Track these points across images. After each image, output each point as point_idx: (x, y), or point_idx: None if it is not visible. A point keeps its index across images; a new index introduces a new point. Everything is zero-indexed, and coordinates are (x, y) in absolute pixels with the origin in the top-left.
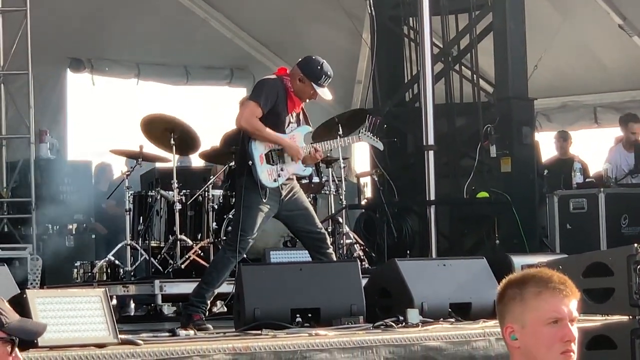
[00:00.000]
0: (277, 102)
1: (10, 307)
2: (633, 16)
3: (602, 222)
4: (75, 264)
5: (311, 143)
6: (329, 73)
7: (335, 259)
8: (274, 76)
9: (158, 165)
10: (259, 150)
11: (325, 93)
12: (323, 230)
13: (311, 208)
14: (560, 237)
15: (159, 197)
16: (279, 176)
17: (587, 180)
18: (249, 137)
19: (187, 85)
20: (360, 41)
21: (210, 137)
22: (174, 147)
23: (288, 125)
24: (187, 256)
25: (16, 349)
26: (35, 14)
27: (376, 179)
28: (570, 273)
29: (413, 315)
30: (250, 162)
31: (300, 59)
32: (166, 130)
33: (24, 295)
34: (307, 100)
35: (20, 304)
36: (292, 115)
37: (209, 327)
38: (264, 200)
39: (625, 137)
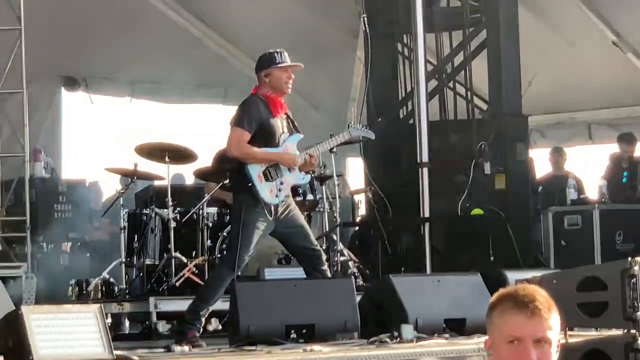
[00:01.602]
0: (262, 116)
1: None
2: (627, 33)
3: (597, 239)
4: (70, 283)
5: (304, 150)
6: (278, 50)
7: (330, 275)
8: (250, 96)
9: (152, 183)
10: (255, 169)
11: (291, 62)
12: (318, 248)
13: (307, 225)
14: (554, 253)
15: (153, 215)
16: (279, 191)
17: (581, 196)
18: None
19: (181, 104)
20: (354, 58)
21: (204, 155)
22: (168, 166)
23: (280, 136)
24: (181, 274)
25: None
26: (29, 32)
27: (370, 196)
28: (565, 287)
29: (407, 330)
30: (250, 184)
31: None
32: (161, 151)
33: (19, 312)
34: (289, 88)
35: (15, 321)
36: (281, 121)
37: (202, 344)
38: (267, 218)
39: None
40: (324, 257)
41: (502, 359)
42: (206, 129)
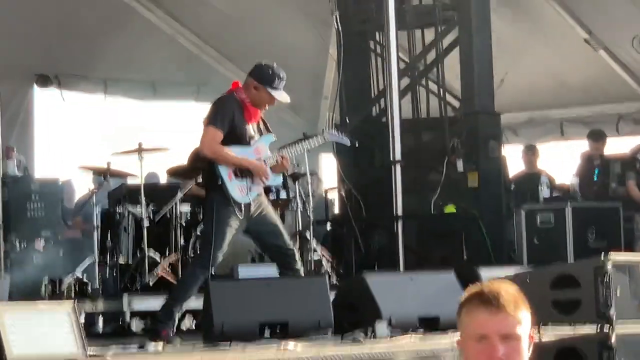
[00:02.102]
0: (235, 119)
1: None
2: (598, 30)
3: (569, 236)
4: (43, 281)
5: (277, 151)
6: (281, 75)
7: (303, 274)
8: (227, 94)
9: (125, 181)
10: (226, 168)
11: (281, 96)
12: (292, 246)
13: (280, 223)
14: (527, 251)
15: (126, 214)
16: (250, 190)
17: (553, 194)
18: None
19: (155, 101)
20: (327, 56)
21: (177, 153)
22: (141, 164)
23: (251, 138)
24: (154, 272)
25: None
26: (1, 30)
27: (343, 194)
28: (538, 285)
29: (381, 328)
30: (219, 182)
31: (251, 69)
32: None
33: None
34: (267, 108)
35: None
36: (252, 126)
37: (176, 343)
38: (240, 217)
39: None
40: (297, 255)
41: (471, 357)
42: (179, 126)
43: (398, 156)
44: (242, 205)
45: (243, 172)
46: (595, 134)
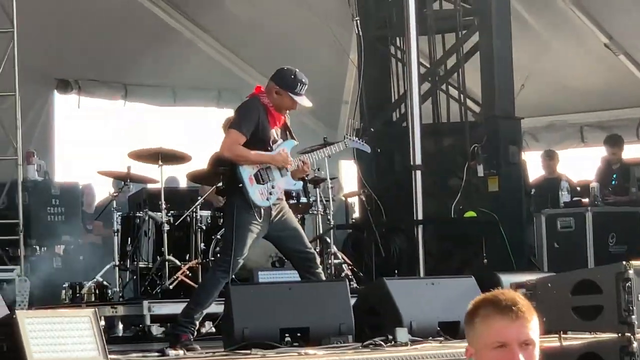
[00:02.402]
0: (259, 123)
1: None
2: (619, 35)
3: (590, 241)
4: (64, 285)
5: (298, 156)
6: (303, 80)
7: (324, 278)
8: (251, 97)
9: (145, 186)
10: (247, 171)
11: (303, 101)
12: (312, 251)
13: (300, 228)
14: (548, 255)
15: (147, 218)
16: (270, 194)
17: (574, 199)
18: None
19: (175, 107)
20: (347, 61)
21: (198, 158)
22: (161, 169)
23: (274, 142)
24: (175, 277)
25: None
26: (22, 35)
27: (364, 198)
28: (560, 291)
29: (402, 334)
30: (240, 185)
31: (273, 73)
32: (154, 155)
33: (14, 316)
34: (288, 112)
35: (9, 325)
36: (276, 131)
37: (196, 348)
38: (259, 221)
39: None
40: (318, 259)
41: None
42: (200, 132)
43: (418, 161)
44: (262, 209)
45: (264, 176)
46: (612, 138)
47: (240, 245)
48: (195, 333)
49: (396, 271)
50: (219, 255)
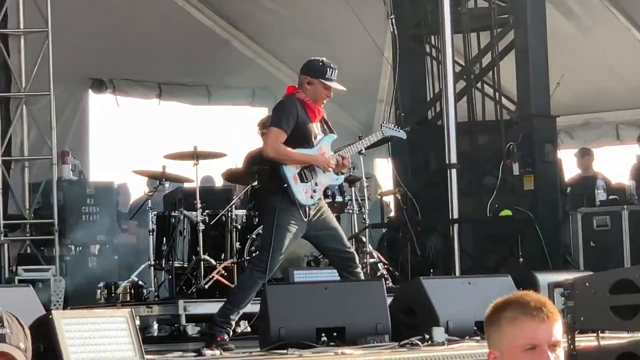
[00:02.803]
0: (299, 118)
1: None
2: None
3: (626, 239)
4: (99, 285)
5: (336, 152)
6: (332, 65)
7: (363, 278)
8: (287, 96)
9: (181, 185)
10: (291, 170)
11: (336, 85)
12: (351, 250)
13: (339, 227)
14: (583, 254)
15: (182, 218)
16: (314, 192)
17: (610, 197)
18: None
19: (209, 106)
20: (381, 60)
21: (232, 157)
22: (196, 169)
23: (314, 137)
24: (210, 276)
25: None
26: (56, 35)
27: (399, 197)
28: (597, 290)
29: (438, 333)
30: (285, 185)
31: (301, 67)
32: (190, 157)
33: (50, 317)
34: (325, 101)
35: (46, 325)
36: (316, 125)
37: (232, 347)
38: (303, 220)
39: None
40: (357, 258)
41: None
42: (234, 130)
43: (454, 159)
44: (306, 208)
45: (307, 175)
46: None
47: (279, 246)
48: (231, 333)
49: (432, 270)
50: (256, 255)
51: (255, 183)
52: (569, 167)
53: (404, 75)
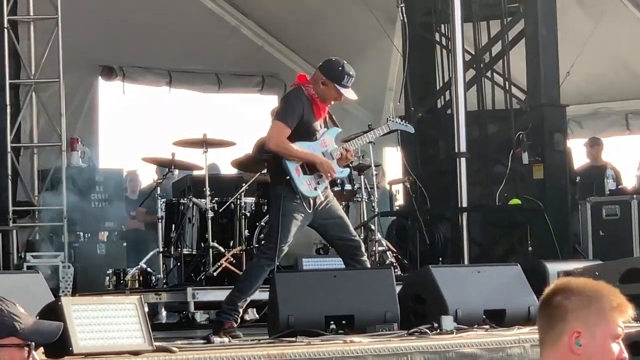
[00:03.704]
0: (304, 113)
1: (24, 311)
2: None
3: (635, 229)
4: (107, 272)
5: (341, 144)
6: (350, 73)
7: (369, 266)
8: (295, 87)
9: (190, 173)
10: (293, 163)
11: (349, 93)
12: (357, 238)
13: (345, 216)
14: (593, 243)
15: (191, 205)
16: (318, 184)
17: (619, 187)
18: None
19: (219, 93)
20: (391, 48)
21: (241, 145)
22: (205, 156)
23: (318, 131)
24: (219, 264)
25: (33, 353)
26: (66, 22)
27: (408, 186)
28: (607, 279)
29: (447, 322)
30: (287, 177)
31: (320, 63)
32: (199, 144)
33: (59, 303)
34: (332, 103)
35: (55, 312)
36: (320, 122)
37: (240, 335)
38: (308, 210)
39: None
40: (363, 247)
41: (608, 355)
42: (243, 118)
43: (463, 148)
44: (310, 199)
45: (310, 166)
46: None
47: (285, 233)
48: (239, 320)
49: (440, 259)
50: (263, 242)
51: (265, 171)
52: (579, 156)
53: (413, 63)
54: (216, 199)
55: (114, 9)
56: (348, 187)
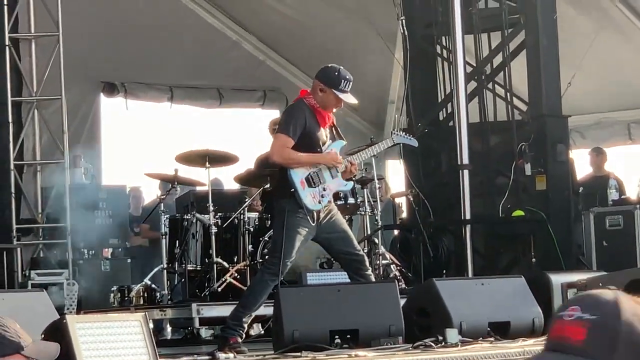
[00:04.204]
0: (307, 124)
1: (21, 329)
2: None
3: (639, 239)
4: (112, 289)
5: (346, 157)
6: (347, 77)
7: (373, 280)
8: (297, 100)
9: (193, 188)
10: (298, 175)
11: (348, 98)
12: (361, 252)
13: (349, 230)
14: (596, 254)
15: (194, 221)
16: (322, 197)
17: (622, 197)
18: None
19: (220, 108)
20: (392, 61)
21: (243, 160)
22: (208, 172)
23: (323, 144)
24: (223, 279)
25: None
26: (67, 38)
27: (411, 198)
28: None
29: (452, 335)
30: (292, 190)
31: (317, 71)
32: (201, 158)
33: (64, 321)
34: (335, 110)
35: (60, 330)
36: (324, 131)
37: (245, 350)
38: (312, 224)
39: None
40: (367, 261)
41: None
42: (245, 133)
43: (466, 160)
44: (314, 213)
45: (315, 179)
46: None
47: (289, 248)
48: (244, 336)
49: (444, 271)
50: (267, 257)
51: (268, 185)
52: (581, 167)
53: (415, 76)
54: (219, 214)
55: (114, 25)
56: (351, 200)
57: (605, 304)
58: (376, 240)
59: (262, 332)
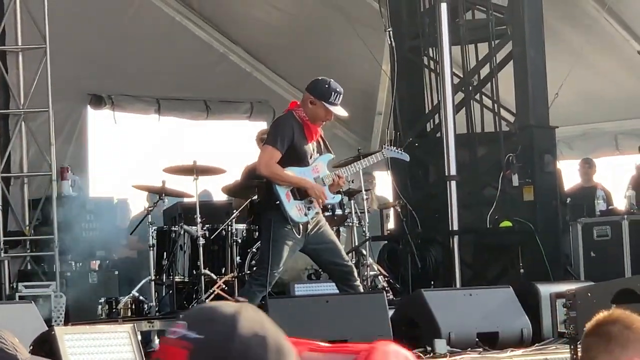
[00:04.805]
0: (294, 137)
1: (19, 343)
2: None
3: (627, 249)
4: (100, 301)
5: (333, 170)
6: (338, 89)
7: (362, 290)
8: (286, 112)
9: (180, 200)
10: (284, 188)
11: (339, 110)
12: (350, 263)
13: (337, 241)
14: (584, 264)
15: (182, 232)
16: (308, 209)
17: (610, 207)
18: None
19: (208, 120)
20: (379, 72)
21: (231, 172)
22: (196, 183)
23: (310, 156)
24: (211, 290)
25: None
26: (54, 51)
27: (399, 210)
28: (600, 300)
29: (440, 345)
30: (277, 202)
31: (307, 84)
32: (189, 170)
33: (52, 332)
34: (324, 123)
35: (48, 341)
36: (312, 145)
37: None
38: (298, 236)
39: None
40: (356, 272)
41: None
42: (233, 145)
43: (453, 171)
44: (300, 225)
45: (301, 192)
46: None
47: (276, 259)
48: None
49: (432, 282)
50: (255, 269)
51: (255, 197)
52: (569, 177)
53: (402, 87)
54: (207, 225)
55: (101, 38)
56: (339, 212)
57: (219, 320)
58: (364, 252)
59: None
